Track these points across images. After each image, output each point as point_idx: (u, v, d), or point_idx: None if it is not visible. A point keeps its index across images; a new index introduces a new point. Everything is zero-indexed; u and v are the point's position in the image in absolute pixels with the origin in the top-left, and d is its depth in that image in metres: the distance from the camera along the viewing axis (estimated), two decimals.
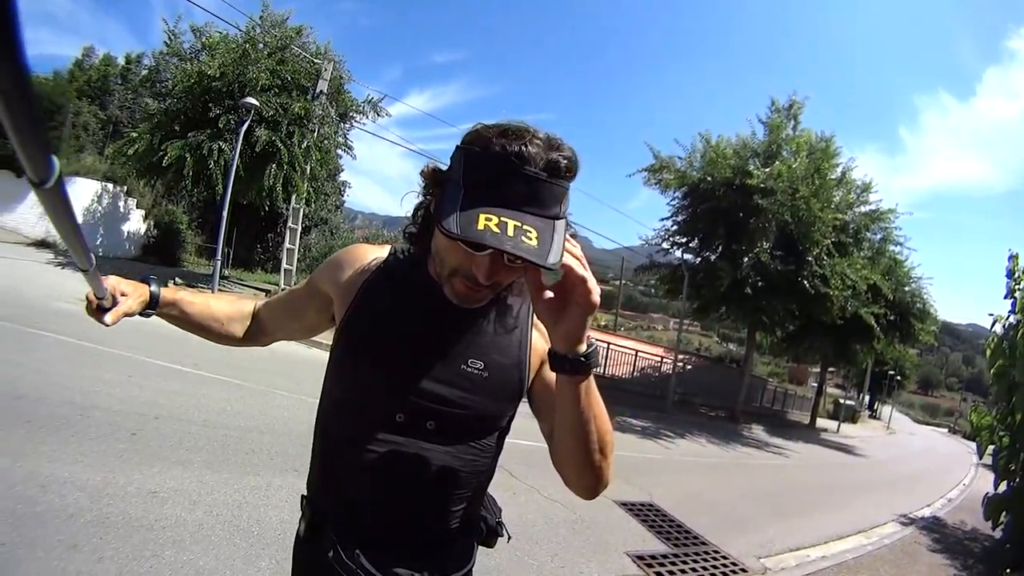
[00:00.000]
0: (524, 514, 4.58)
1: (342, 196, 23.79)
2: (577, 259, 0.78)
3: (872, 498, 9.95)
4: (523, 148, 0.82)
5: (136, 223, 18.27)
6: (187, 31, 14.19)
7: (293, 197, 14.26)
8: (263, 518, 3.31)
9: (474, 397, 1.01)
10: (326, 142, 15.03)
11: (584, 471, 0.95)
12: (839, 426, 29.07)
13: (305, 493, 1.12)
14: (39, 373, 4.86)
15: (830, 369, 29.22)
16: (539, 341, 1.09)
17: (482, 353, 1.03)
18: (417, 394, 0.99)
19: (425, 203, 1.03)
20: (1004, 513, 3.13)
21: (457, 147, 0.90)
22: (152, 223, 18.50)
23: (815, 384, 29.35)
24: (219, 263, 12.96)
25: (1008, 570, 2.90)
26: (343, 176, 21.25)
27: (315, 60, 14.54)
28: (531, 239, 0.77)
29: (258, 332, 1.34)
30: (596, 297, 0.78)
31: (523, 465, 5.26)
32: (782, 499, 8.32)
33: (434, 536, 1.04)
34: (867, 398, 47.01)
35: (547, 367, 1.05)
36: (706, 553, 4.87)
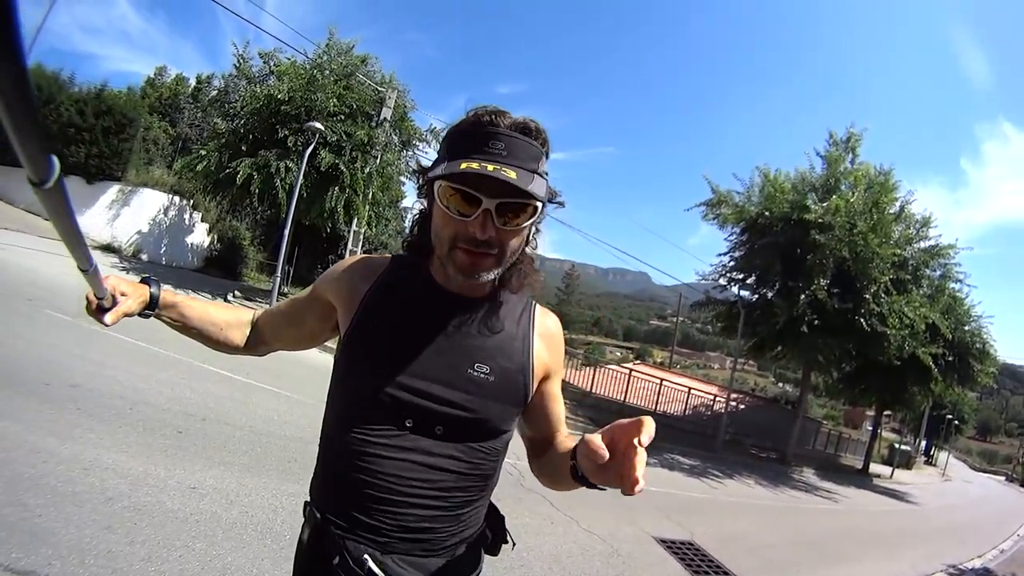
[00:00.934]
0: (560, 544, 4.57)
1: (403, 222, 24.30)
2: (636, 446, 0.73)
3: (922, 548, 9.54)
4: (493, 116, 0.96)
5: (200, 236, 18.99)
6: (255, 56, 14.82)
7: (354, 220, 14.58)
8: (297, 524, 3.41)
9: (480, 401, 1.03)
10: (388, 168, 15.35)
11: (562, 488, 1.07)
12: (893, 472, 27.82)
13: (308, 499, 1.13)
14: (96, 365, 5.11)
15: (886, 412, 28.02)
16: (541, 347, 1.13)
17: (487, 357, 1.05)
18: (425, 398, 1.00)
19: (423, 210, 1.11)
20: None
21: (445, 133, 1.03)
22: (216, 237, 19.21)
23: (870, 428, 28.22)
24: (279, 279, 13.28)
25: None
26: (405, 203, 21.70)
27: (379, 88, 14.93)
28: (510, 174, 0.89)
29: (257, 341, 1.35)
30: (638, 489, 0.72)
31: (563, 496, 5.24)
32: (829, 546, 8.05)
33: (442, 541, 1.05)
34: (923, 443, 44.93)
35: (546, 378, 1.15)
36: None
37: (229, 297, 12.85)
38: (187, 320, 1.28)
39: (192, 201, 18.33)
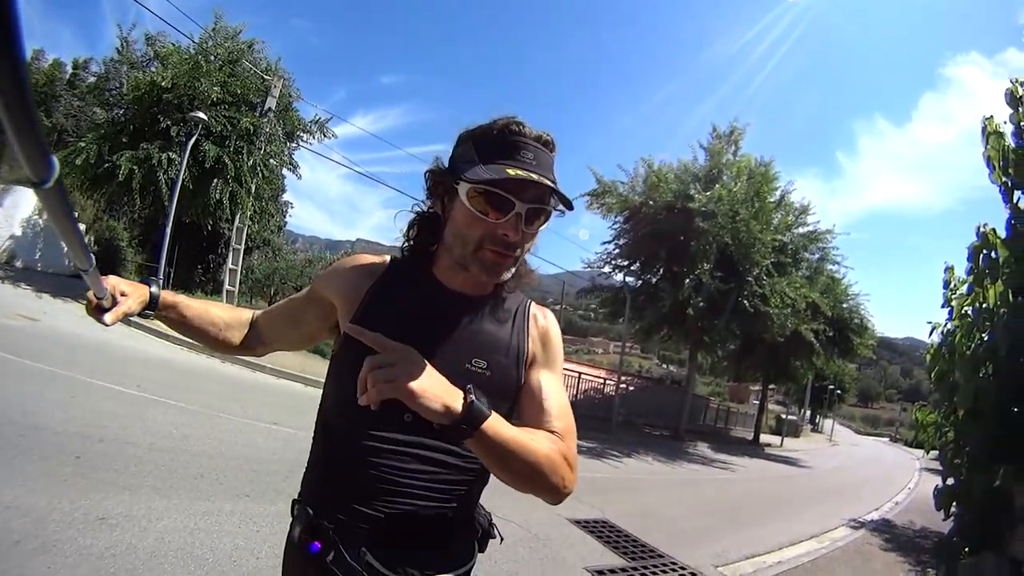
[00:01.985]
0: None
1: (284, 217, 23.21)
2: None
3: (821, 506, 10.30)
4: (519, 127, 1.02)
5: None
6: (140, 39, 13.99)
7: (238, 216, 14.01)
8: (216, 545, 3.24)
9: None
10: (272, 160, 14.86)
11: (537, 494, 0.98)
12: (782, 440, 29.97)
13: (296, 498, 1.12)
14: None
15: (771, 386, 30.18)
16: (536, 343, 1.16)
17: (484, 352, 1.07)
18: None
19: (425, 213, 1.14)
20: (954, 504, 3.29)
21: (462, 138, 1.08)
22: (92, 239, 17.68)
23: (756, 402, 30.24)
24: (160, 282, 12.45)
25: (963, 559, 3.04)
26: (285, 196, 20.84)
27: (265, 76, 14.42)
28: (548, 181, 0.98)
29: (256, 342, 1.35)
30: (397, 391, 0.79)
31: None
32: (733, 511, 8.54)
33: (438, 534, 1.05)
34: (808, 413, 48.54)
35: (535, 369, 1.14)
36: (664, 565, 4.93)
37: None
38: (187, 320, 1.28)
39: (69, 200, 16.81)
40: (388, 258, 1.17)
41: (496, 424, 0.86)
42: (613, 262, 18.86)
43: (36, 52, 32.22)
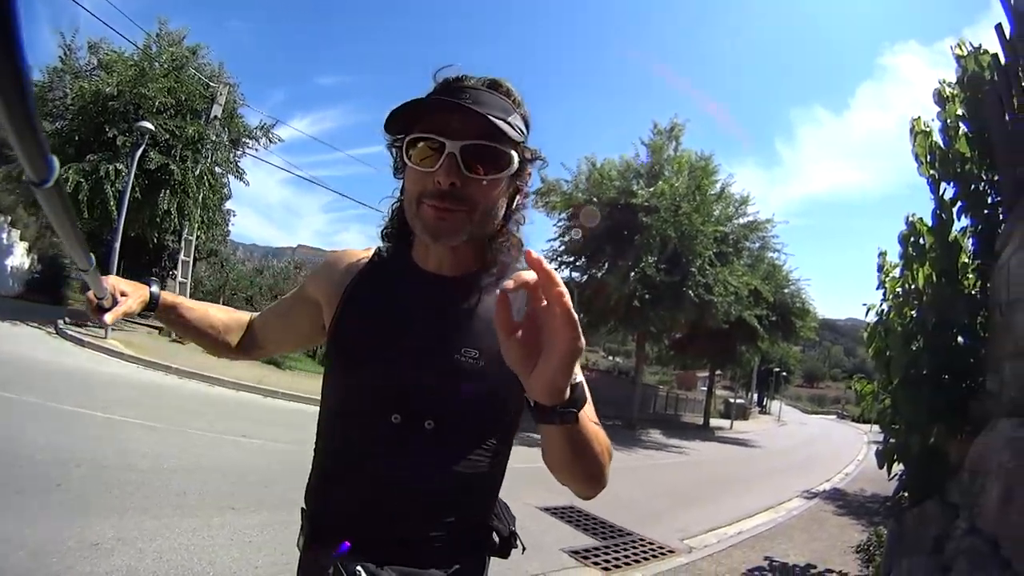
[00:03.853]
0: None
1: (228, 226, 22.62)
2: (559, 291, 0.61)
3: (774, 482, 10.88)
4: (463, 77, 0.94)
5: (19, 257, 16.66)
6: (82, 46, 13.40)
7: (186, 227, 13.73)
8: (215, 559, 3.31)
9: (471, 387, 0.94)
10: (218, 168, 14.61)
11: (584, 489, 0.89)
12: (732, 423, 31.00)
13: (303, 506, 1.06)
14: None
15: (717, 372, 31.10)
16: None
17: (476, 340, 0.96)
18: (411, 390, 0.94)
19: (400, 198, 1.04)
20: (896, 464, 3.68)
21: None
22: (36, 258, 16.96)
23: (704, 388, 31.11)
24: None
25: (909, 510, 3.44)
26: (228, 204, 20.38)
27: (210, 83, 14.15)
28: (479, 108, 0.86)
29: (252, 344, 1.31)
30: (582, 341, 0.64)
31: None
32: (690, 491, 8.98)
33: (439, 548, 0.96)
34: (755, 396, 50.16)
35: None
36: (633, 542, 5.31)
37: (60, 324, 11.42)
38: (187, 322, 1.26)
39: (10, 218, 16.16)
40: (372, 250, 1.11)
41: (585, 409, 0.74)
42: (559, 259, 19.16)
43: None
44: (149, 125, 11.71)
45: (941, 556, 2.80)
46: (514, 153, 0.91)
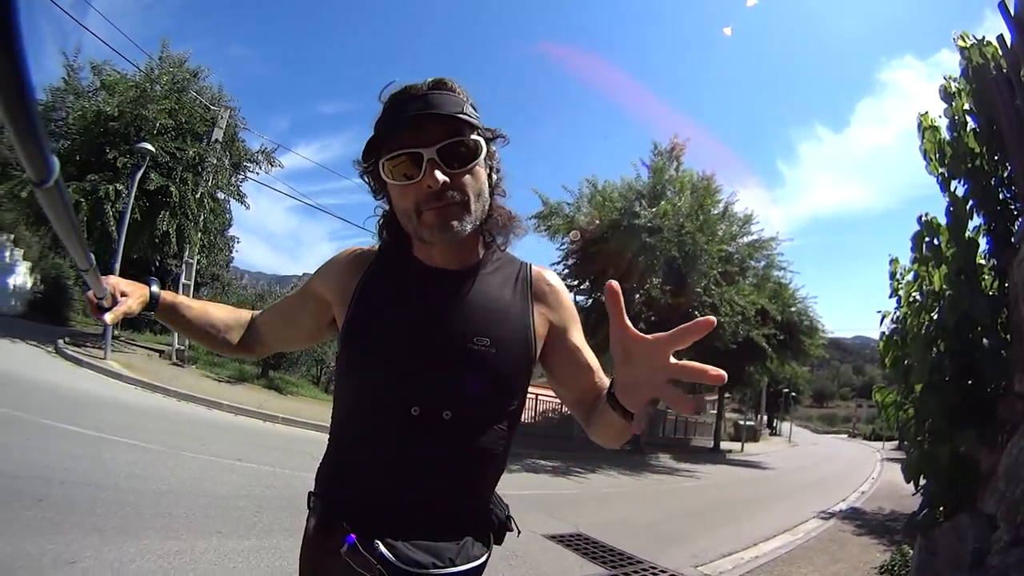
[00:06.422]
0: None
1: (231, 252, 22.60)
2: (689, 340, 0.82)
3: (789, 503, 10.56)
4: (405, 88, 1.01)
5: (22, 277, 16.74)
6: (85, 66, 13.47)
7: (187, 251, 13.70)
8: None
9: (486, 375, 1.01)
10: (220, 192, 14.62)
11: (618, 445, 1.03)
12: (743, 446, 30.53)
13: (313, 490, 1.10)
14: None
15: (727, 394, 30.76)
16: (542, 307, 1.13)
17: (486, 328, 1.02)
18: (429, 382, 0.99)
19: (385, 212, 1.12)
20: (921, 477, 3.46)
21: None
22: (38, 277, 16.99)
23: (714, 411, 30.82)
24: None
25: (939, 524, 3.22)
26: (231, 231, 20.36)
27: (211, 107, 14.20)
28: (439, 111, 0.96)
29: (254, 342, 1.33)
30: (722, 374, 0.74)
31: None
32: (703, 515, 8.67)
33: (452, 525, 1.03)
34: (765, 417, 49.63)
35: (560, 334, 1.13)
36: (644, 570, 4.97)
37: (59, 344, 11.42)
38: (188, 321, 1.28)
39: (12, 236, 16.18)
40: (378, 247, 1.16)
41: None
42: (564, 282, 18.94)
43: None
44: (149, 146, 11.75)
45: (984, 571, 2.58)
46: (479, 138, 1.01)
